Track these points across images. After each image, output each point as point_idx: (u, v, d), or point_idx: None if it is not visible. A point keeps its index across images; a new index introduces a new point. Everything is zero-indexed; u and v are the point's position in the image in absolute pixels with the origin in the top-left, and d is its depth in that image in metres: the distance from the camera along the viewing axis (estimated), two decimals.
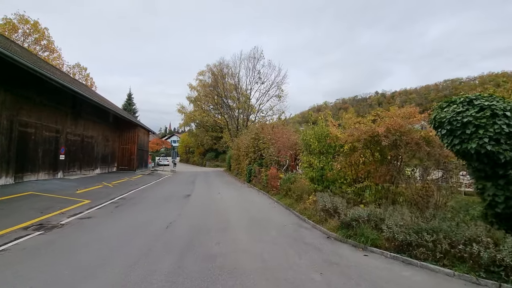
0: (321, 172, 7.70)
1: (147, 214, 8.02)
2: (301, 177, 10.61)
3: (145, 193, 12.64)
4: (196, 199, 10.99)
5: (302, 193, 8.48)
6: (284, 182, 10.49)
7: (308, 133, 8.19)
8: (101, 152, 19.31)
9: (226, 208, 9.04)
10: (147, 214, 8.03)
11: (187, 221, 7.05)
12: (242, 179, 20.02)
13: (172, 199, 10.87)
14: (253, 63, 34.26)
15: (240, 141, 21.53)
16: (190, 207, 9.18)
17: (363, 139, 6.20)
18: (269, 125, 16.45)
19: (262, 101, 35.14)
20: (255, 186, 15.31)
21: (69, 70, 34.50)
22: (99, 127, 18.75)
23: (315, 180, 7.90)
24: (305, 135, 8.27)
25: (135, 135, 23.00)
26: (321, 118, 8.15)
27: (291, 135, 14.71)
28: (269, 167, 13.95)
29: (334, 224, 5.89)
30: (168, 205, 9.44)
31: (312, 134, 8.00)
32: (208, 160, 49.85)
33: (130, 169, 22.61)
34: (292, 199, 9.21)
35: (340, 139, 7.45)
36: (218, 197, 11.59)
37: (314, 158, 7.70)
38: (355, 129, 6.55)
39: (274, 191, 11.56)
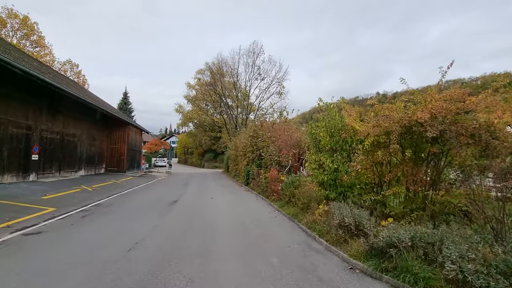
0: (335, 175, 6.02)
1: (115, 227, 6.35)
2: (305, 180, 8.94)
3: (127, 199, 10.98)
4: (184, 206, 9.32)
5: (310, 201, 6.80)
6: (287, 187, 8.81)
7: (318, 126, 6.53)
8: (86, 152, 17.69)
9: (215, 219, 7.36)
10: (114, 227, 6.36)
11: (161, 239, 5.38)
12: (240, 182, 18.35)
13: (155, 206, 9.21)
14: (253, 59, 32.65)
15: (238, 140, 19.88)
16: (173, 217, 7.51)
17: (396, 130, 4.52)
18: (269, 122, 14.81)
19: (262, 98, 33.49)
20: (253, 189, 13.63)
21: (60, 67, 33.02)
22: (83, 125, 17.14)
23: (327, 185, 6.23)
24: (313, 129, 6.61)
25: (125, 134, 21.35)
26: (333, 107, 6.49)
27: (294, 132, 13.04)
28: (269, 168, 12.29)
29: (358, 247, 4.21)
30: (147, 214, 7.77)
31: (323, 126, 6.33)
32: (206, 161, 48.24)
33: (120, 170, 20.95)
34: (296, 207, 7.53)
35: (359, 133, 5.78)
36: (210, 204, 9.91)
37: (326, 157, 6.02)
38: (383, 118, 4.87)
39: (274, 197, 9.88)
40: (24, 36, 31.69)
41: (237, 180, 19.82)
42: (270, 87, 33.09)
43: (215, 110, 40.96)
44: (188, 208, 9.03)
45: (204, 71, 39.35)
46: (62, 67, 32.92)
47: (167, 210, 8.44)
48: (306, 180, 9.03)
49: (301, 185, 8.41)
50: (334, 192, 6.05)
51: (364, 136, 5.69)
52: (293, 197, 8.17)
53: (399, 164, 5.42)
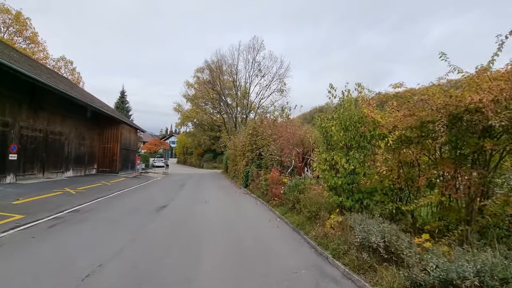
0: (351, 178, 4.86)
1: (83, 241, 5.21)
2: (311, 183, 7.78)
3: (112, 203, 9.83)
4: (172, 213, 8.17)
5: (319, 209, 5.65)
6: (290, 190, 7.66)
7: (328, 118, 5.37)
8: (74, 152, 16.58)
9: (206, 230, 6.20)
10: (82, 240, 5.22)
11: (132, 260, 4.22)
12: (238, 183, 17.20)
13: (139, 213, 8.07)
14: (253, 55, 31.49)
15: (237, 139, 18.74)
16: (156, 227, 6.36)
17: (442, 119, 3.36)
18: (270, 119, 13.67)
19: (263, 96, 32.31)
20: (252, 192, 12.48)
21: (54, 64, 31.97)
22: (71, 122, 16.03)
23: (340, 190, 5.07)
24: (323, 122, 5.45)
25: (118, 132, 20.22)
26: (347, 95, 5.32)
27: (297, 129, 11.89)
28: (269, 169, 11.14)
29: (392, 280, 3.05)
30: (127, 224, 6.62)
31: (335, 119, 5.17)
32: (205, 162, 47.14)
33: (112, 171, 19.83)
34: (302, 215, 6.36)
35: (382, 126, 4.63)
36: (202, 210, 8.76)
37: (340, 156, 4.85)
38: (419, 104, 3.70)
39: (276, 201, 8.73)
40: (17, 32, 30.70)
41: (236, 181, 18.67)
42: (271, 84, 31.96)
43: (214, 108, 39.86)
44: (177, 215, 7.87)
45: (204, 69, 38.29)
46: (56, 64, 31.87)
47: (151, 218, 7.29)
48: (312, 183, 7.88)
49: (306, 189, 7.25)
50: (350, 199, 4.88)
51: (389, 130, 4.53)
52: (298, 203, 7.00)
53: (435, 165, 4.26)
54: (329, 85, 5.51)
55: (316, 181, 8.51)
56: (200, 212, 8.43)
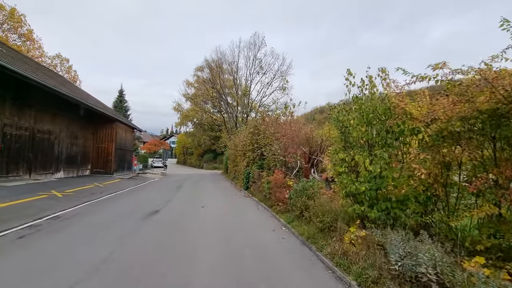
0: (377, 183, 3.92)
1: (50, 256, 4.29)
2: (319, 185, 6.85)
3: (99, 207, 8.93)
4: (163, 219, 7.25)
5: (334, 219, 4.72)
6: (297, 195, 6.72)
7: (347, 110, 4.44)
8: (66, 152, 15.69)
9: (199, 242, 5.27)
10: (49, 255, 4.30)
11: (102, 285, 3.31)
12: (239, 185, 16.27)
13: (127, 219, 7.15)
14: (254, 52, 30.53)
15: (237, 138, 17.81)
16: (141, 237, 5.43)
17: None
18: (272, 116, 12.73)
19: (264, 94, 31.34)
20: (253, 195, 11.55)
21: (50, 61, 31.16)
22: (62, 121, 15.15)
23: (362, 197, 4.12)
24: (340, 114, 4.51)
25: (113, 131, 19.32)
26: (370, 81, 4.37)
27: (302, 127, 10.96)
28: (272, 170, 10.21)
29: None
30: (109, 233, 5.70)
31: (357, 110, 4.24)
32: (205, 162, 46.26)
33: (107, 172, 18.93)
34: (312, 226, 5.42)
35: (414, 119, 3.70)
36: (198, 216, 7.83)
37: (363, 156, 3.91)
38: (482, 83, 2.77)
39: (280, 207, 7.79)
40: (11, 29, 29.91)
41: (236, 183, 17.75)
42: (273, 82, 30.99)
43: (214, 108, 38.97)
44: (168, 222, 6.94)
45: (204, 68, 37.39)
46: (52, 62, 31.06)
47: (138, 226, 6.36)
48: (321, 187, 6.95)
49: (316, 194, 6.32)
50: (375, 209, 3.94)
51: (426, 123, 3.60)
52: (307, 210, 6.07)
53: (483, 166, 3.33)
54: (346, 71, 4.57)
55: (325, 184, 7.58)
56: (194, 219, 7.50)
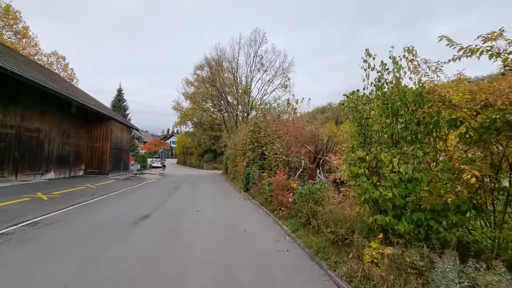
0: (407, 189, 3.11)
1: (5, 275, 3.51)
2: (325, 187, 6.04)
3: (84, 213, 8.14)
4: (152, 227, 6.45)
5: (350, 231, 3.91)
6: (302, 200, 5.91)
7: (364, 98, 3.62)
8: (57, 151, 14.95)
9: (191, 253, 4.48)
10: (4, 275, 3.52)
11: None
12: (238, 186, 15.48)
13: (112, 226, 6.36)
14: (255, 48, 29.69)
15: (237, 137, 17.01)
16: (122, 251, 4.63)
17: None
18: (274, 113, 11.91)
19: (265, 92, 30.50)
20: (254, 198, 10.75)
21: (46, 59, 30.47)
22: (52, 119, 14.40)
23: (386, 205, 3.32)
24: (358, 103, 3.70)
25: (108, 130, 18.56)
26: (394, 62, 3.55)
27: (306, 124, 10.16)
28: (273, 170, 9.41)
29: None
30: (84, 246, 4.90)
31: (379, 97, 3.43)
32: (205, 162, 45.53)
33: (101, 172, 18.18)
34: (322, 237, 4.61)
35: (454, 107, 2.90)
36: (192, 222, 7.04)
37: (391, 154, 3.08)
38: None
39: (283, 212, 6.98)
40: (6, 26, 29.27)
41: (236, 184, 16.95)
42: (274, 79, 30.14)
43: (214, 107, 38.21)
44: (156, 231, 6.14)
45: (203, 67, 36.60)
46: (48, 59, 30.36)
47: (122, 236, 5.56)
48: (326, 186, 6.14)
49: (325, 199, 5.50)
50: (404, 221, 3.13)
51: (474, 111, 2.79)
52: (314, 217, 5.25)
53: None
54: (365, 51, 3.76)
55: (334, 187, 6.77)
56: (188, 225, 6.70)
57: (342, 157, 6.42)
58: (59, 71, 30.19)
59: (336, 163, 6.19)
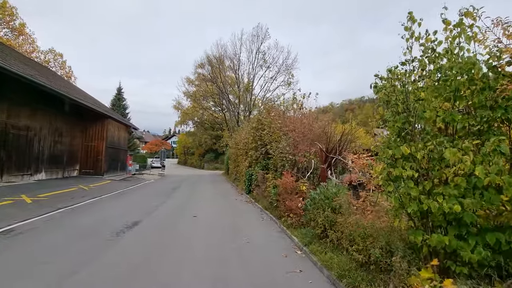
0: (485, 199, 2.18)
1: None
2: (341, 191, 5.11)
3: (67, 218, 7.25)
4: (139, 237, 5.54)
5: (386, 251, 2.98)
6: (316, 206, 4.98)
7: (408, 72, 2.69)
8: (48, 150, 14.12)
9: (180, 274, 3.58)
10: None
11: None
12: (240, 187, 14.57)
13: (91, 238, 5.43)
14: (257, 45, 28.77)
15: (238, 136, 16.11)
16: (92, 274, 3.74)
17: None
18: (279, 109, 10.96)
19: (268, 89, 29.56)
20: (257, 201, 9.83)
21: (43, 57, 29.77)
22: (43, 116, 13.58)
23: (441, 220, 2.38)
24: (402, 81, 2.75)
25: (104, 129, 17.73)
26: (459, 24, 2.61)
27: (314, 121, 9.22)
28: (279, 171, 8.49)
29: None
30: (50, 267, 4.02)
31: (433, 72, 2.51)
32: (206, 162, 44.68)
33: (97, 173, 17.34)
34: (345, 255, 3.69)
35: None
36: (187, 229, 6.11)
37: (465, 148, 2.16)
38: None
39: (292, 219, 6.04)
40: (3, 23, 28.61)
41: (237, 185, 16.04)
42: (277, 76, 29.20)
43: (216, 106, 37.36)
44: (143, 244, 5.22)
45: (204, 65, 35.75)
46: (45, 57, 29.65)
47: (99, 252, 4.65)
48: (341, 191, 5.20)
49: (343, 208, 4.56)
50: (472, 244, 2.20)
51: None
52: (332, 228, 4.32)
53: None
54: (407, 16, 2.83)
55: (350, 191, 5.82)
56: (181, 234, 5.78)
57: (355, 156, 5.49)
58: (56, 68, 29.46)
59: (353, 163, 5.26)
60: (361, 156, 5.06)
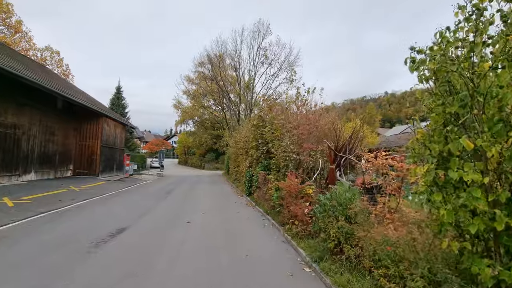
0: None
1: None
2: (356, 196, 4.34)
3: (49, 224, 6.52)
4: (117, 253, 4.76)
5: (429, 281, 2.21)
6: (327, 214, 4.20)
7: None
8: (38, 150, 13.43)
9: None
10: None
11: None
12: (240, 189, 13.81)
13: (58, 254, 4.66)
14: (258, 41, 27.97)
15: (238, 134, 15.34)
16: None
17: None
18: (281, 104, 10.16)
19: (270, 86, 28.76)
20: (258, 204, 9.05)
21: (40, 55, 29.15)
22: (32, 113, 12.86)
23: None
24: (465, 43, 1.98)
25: (98, 127, 17.01)
26: None
27: (320, 116, 8.43)
28: (282, 172, 7.71)
29: None
30: (15, 278, 3.27)
31: (505, 33, 1.75)
32: (207, 162, 43.95)
33: (91, 173, 16.63)
34: (368, 279, 2.93)
35: None
36: (177, 238, 5.32)
37: None
38: None
39: (297, 228, 5.25)
40: None
41: (238, 186, 15.27)
42: (279, 73, 28.38)
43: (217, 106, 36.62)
44: (124, 256, 4.46)
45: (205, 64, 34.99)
46: (42, 54, 29.02)
47: (69, 265, 3.90)
48: (364, 199, 4.42)
49: (361, 215, 3.78)
50: None
51: None
52: (348, 242, 3.54)
53: None
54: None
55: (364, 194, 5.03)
56: (170, 244, 5.01)
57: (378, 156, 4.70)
58: (53, 67, 28.81)
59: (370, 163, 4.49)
60: (380, 155, 4.27)
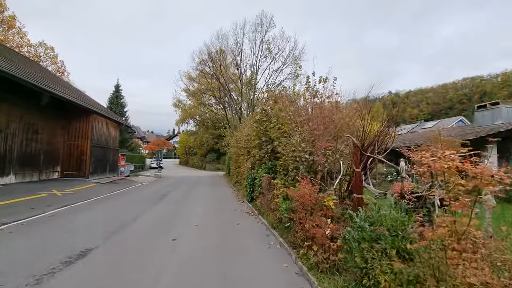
0: None
1: None
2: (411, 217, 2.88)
3: (5, 239, 5.20)
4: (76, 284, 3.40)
5: None
6: (369, 245, 2.79)
7: None
8: (19, 149, 12.17)
9: None
10: None
11: None
12: (241, 193, 12.40)
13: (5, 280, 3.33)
14: (261, 34, 26.52)
15: (239, 133, 13.94)
16: None
17: None
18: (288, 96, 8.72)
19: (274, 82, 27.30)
20: (261, 213, 7.65)
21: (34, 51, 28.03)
22: (10, 110, 11.57)
23: None
24: None
25: (88, 125, 15.72)
26: None
27: (336, 109, 6.98)
28: (290, 176, 6.29)
29: None
30: None
31: None
32: (208, 162, 42.68)
33: (80, 175, 15.36)
34: None
35: None
36: (147, 274, 3.92)
37: None
38: None
39: (317, 256, 3.82)
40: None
41: (238, 189, 13.86)
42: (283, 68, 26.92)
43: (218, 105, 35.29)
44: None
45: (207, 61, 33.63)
46: (36, 51, 27.89)
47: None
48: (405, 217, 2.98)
49: (420, 251, 2.35)
50: None
51: None
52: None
53: None
54: None
55: (410, 209, 3.58)
56: (140, 282, 3.60)
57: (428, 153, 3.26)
58: (47, 63, 27.68)
59: (426, 165, 3.07)
60: (444, 156, 2.83)
